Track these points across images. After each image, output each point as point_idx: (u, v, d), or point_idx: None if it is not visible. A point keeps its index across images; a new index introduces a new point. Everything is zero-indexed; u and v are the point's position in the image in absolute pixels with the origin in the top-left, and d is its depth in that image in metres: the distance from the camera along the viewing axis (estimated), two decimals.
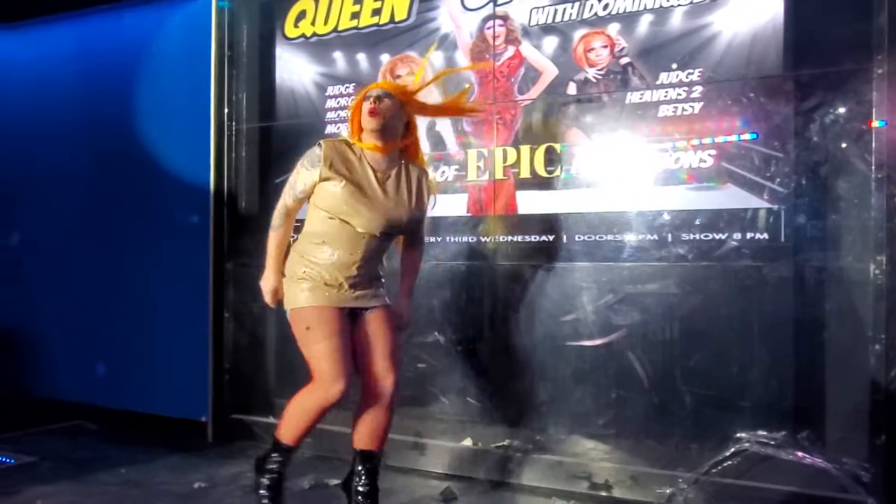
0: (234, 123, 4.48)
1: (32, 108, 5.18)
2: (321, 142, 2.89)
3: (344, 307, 2.89)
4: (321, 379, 2.84)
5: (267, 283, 3.03)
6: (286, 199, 2.98)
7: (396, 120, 2.90)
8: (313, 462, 4.03)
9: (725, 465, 3.32)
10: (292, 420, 2.97)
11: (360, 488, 2.98)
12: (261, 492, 3.03)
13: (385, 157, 2.91)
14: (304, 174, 2.90)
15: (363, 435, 2.98)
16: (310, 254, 2.90)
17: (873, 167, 3.09)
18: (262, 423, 4.36)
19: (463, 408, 3.91)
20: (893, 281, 3.02)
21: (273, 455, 3.03)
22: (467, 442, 3.86)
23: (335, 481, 3.65)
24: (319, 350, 2.84)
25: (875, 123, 3.09)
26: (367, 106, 2.85)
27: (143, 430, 4.60)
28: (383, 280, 3.01)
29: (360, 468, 2.99)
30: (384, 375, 2.92)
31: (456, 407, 3.94)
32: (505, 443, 3.77)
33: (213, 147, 4.43)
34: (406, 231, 3.03)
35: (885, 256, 3.04)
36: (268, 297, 3.05)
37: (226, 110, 4.46)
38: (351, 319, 2.93)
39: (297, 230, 2.99)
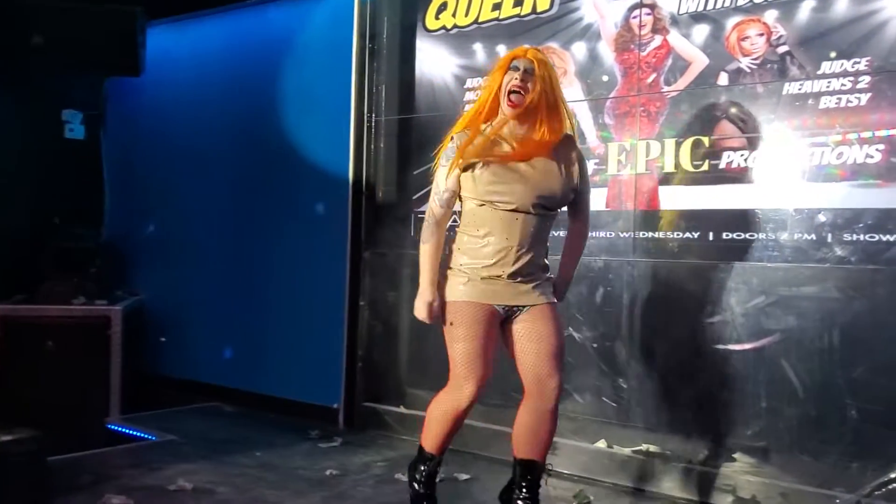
0: (373, 115, 4.42)
1: (186, 100, 5.30)
2: (452, 136, 2.75)
3: (499, 305, 2.69)
4: (454, 378, 2.72)
5: (422, 299, 2.78)
6: (433, 206, 2.79)
7: (536, 98, 2.64)
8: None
9: (891, 487, 2.98)
10: (431, 426, 2.84)
11: (520, 502, 2.77)
12: (413, 498, 2.93)
13: (523, 128, 2.69)
14: (442, 172, 2.75)
15: (523, 443, 2.76)
16: (467, 245, 2.73)
17: None
18: (394, 413, 4.29)
19: (598, 408, 3.69)
20: None
21: (420, 465, 2.91)
22: (601, 444, 3.62)
23: (464, 476, 3.58)
24: (458, 350, 2.70)
25: None
26: (509, 80, 2.63)
27: (276, 414, 4.61)
28: (549, 274, 2.79)
29: (520, 480, 2.78)
30: (547, 379, 2.68)
31: (590, 406, 3.72)
32: (642, 447, 3.52)
33: (352, 138, 4.39)
34: (563, 203, 2.77)
35: None
36: (423, 313, 2.79)
37: (366, 102, 4.41)
38: (509, 317, 2.72)
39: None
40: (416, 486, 2.91)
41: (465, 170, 2.68)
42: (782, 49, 3.26)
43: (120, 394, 4.77)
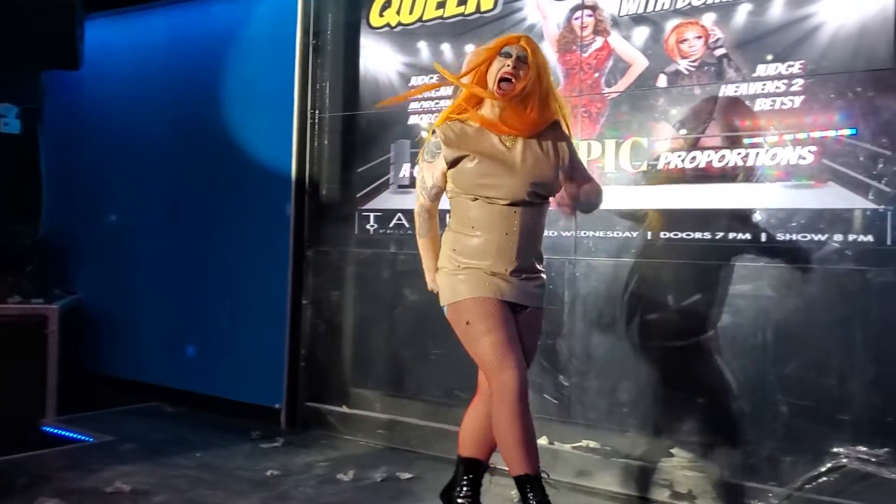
0: (317, 112, 4.37)
1: (128, 95, 5.20)
2: (434, 128, 2.62)
3: (505, 300, 2.55)
4: (492, 375, 2.47)
5: (429, 278, 2.77)
6: (422, 200, 2.69)
7: (525, 87, 2.53)
8: (386, 454, 3.92)
9: (821, 480, 3.04)
10: (508, 446, 2.46)
11: (461, 500, 2.75)
12: None
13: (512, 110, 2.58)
14: (429, 167, 2.63)
15: (472, 442, 2.75)
16: (462, 245, 2.59)
17: None
18: (337, 413, 4.25)
19: (539, 405, 3.65)
20: None
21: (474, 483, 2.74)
22: (543, 440, 3.62)
23: (407, 475, 3.56)
24: (489, 343, 2.47)
25: None
26: (499, 66, 2.51)
27: (218, 414, 4.54)
28: (543, 274, 2.68)
29: (463, 478, 2.76)
30: None
31: (532, 404, 3.57)
32: (582, 443, 3.54)
33: (295, 135, 4.34)
34: (556, 188, 2.63)
35: None
36: (430, 286, 2.78)
37: (309, 99, 4.35)
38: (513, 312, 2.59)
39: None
40: None
41: (452, 165, 2.57)
42: (719, 52, 3.29)
43: (56, 395, 4.64)
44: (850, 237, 3.01)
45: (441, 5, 3.99)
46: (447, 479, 3.22)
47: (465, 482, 2.75)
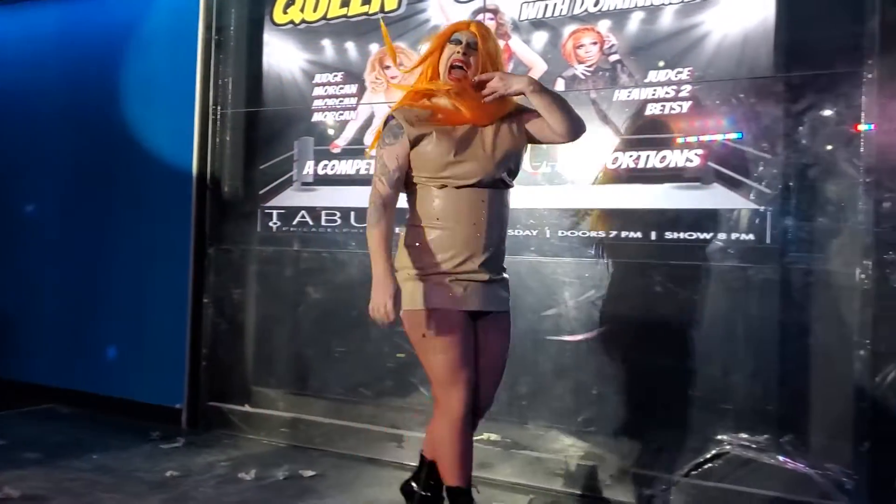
0: (219, 108, 4.31)
1: (20, 89, 5.00)
2: (391, 113, 2.52)
3: (473, 309, 2.46)
4: (439, 390, 2.46)
5: (382, 292, 2.40)
6: (379, 187, 2.47)
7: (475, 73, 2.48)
8: (289, 452, 3.90)
9: (706, 467, 3.20)
10: (443, 458, 2.50)
11: (429, 497, 2.70)
12: None
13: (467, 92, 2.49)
14: (390, 150, 2.46)
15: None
16: (424, 241, 2.47)
17: (862, 171, 2.98)
18: (239, 412, 4.21)
19: None
20: (880, 286, 2.92)
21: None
22: None
23: (310, 473, 3.55)
24: (437, 361, 2.43)
25: (863, 127, 2.98)
26: (450, 53, 2.47)
27: (117, 415, 4.41)
28: (506, 274, 2.59)
29: (427, 478, 2.69)
30: (483, 398, 2.55)
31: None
32: (484, 436, 3.60)
33: (196, 131, 4.27)
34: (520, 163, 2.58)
35: (872, 261, 2.93)
36: (382, 310, 2.39)
37: (211, 94, 4.29)
38: (474, 318, 2.51)
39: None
40: None
41: (415, 144, 2.45)
42: (614, 58, 3.41)
43: None
44: (734, 236, 3.18)
45: (345, 4, 4.00)
46: (351, 476, 3.27)
47: (431, 483, 2.67)
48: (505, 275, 2.58)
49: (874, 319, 2.92)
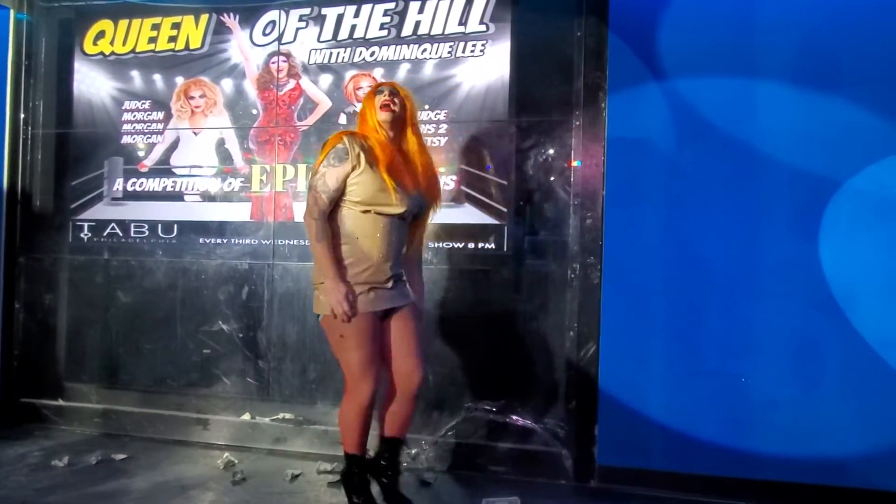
0: (30, 128, 4.26)
1: None
2: (342, 136, 2.71)
3: (381, 309, 2.75)
4: (351, 383, 2.74)
5: (336, 293, 2.63)
6: (321, 203, 2.69)
7: (404, 110, 2.83)
8: (101, 440, 3.93)
9: (457, 428, 3.60)
10: (346, 432, 2.83)
11: (389, 471, 2.95)
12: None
13: (395, 144, 2.82)
14: (332, 172, 2.68)
15: (392, 425, 2.92)
16: (346, 255, 2.71)
17: (571, 195, 3.46)
18: (52, 406, 4.19)
19: (243, 387, 3.97)
20: (584, 282, 3.41)
21: (353, 471, 2.88)
22: (246, 416, 3.93)
23: (121, 456, 3.62)
24: (352, 359, 2.70)
25: (574, 163, 3.47)
26: (380, 99, 2.79)
27: None
28: (405, 277, 2.91)
29: (387, 454, 2.94)
30: (411, 372, 2.83)
31: (237, 387, 3.98)
32: (279, 416, 3.86)
33: (7, 149, 4.18)
34: (421, 213, 2.92)
35: (579, 264, 3.42)
36: (342, 307, 2.63)
37: (21, 115, 4.23)
38: (384, 316, 2.81)
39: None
40: (354, 498, 2.87)
41: (355, 168, 2.68)
42: None
43: None
44: (480, 245, 3.62)
45: (153, 40, 4.10)
46: (161, 457, 3.42)
47: (387, 456, 2.97)
48: (404, 278, 2.90)
49: (579, 307, 3.41)
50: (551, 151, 3.56)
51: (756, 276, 3.24)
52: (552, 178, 3.55)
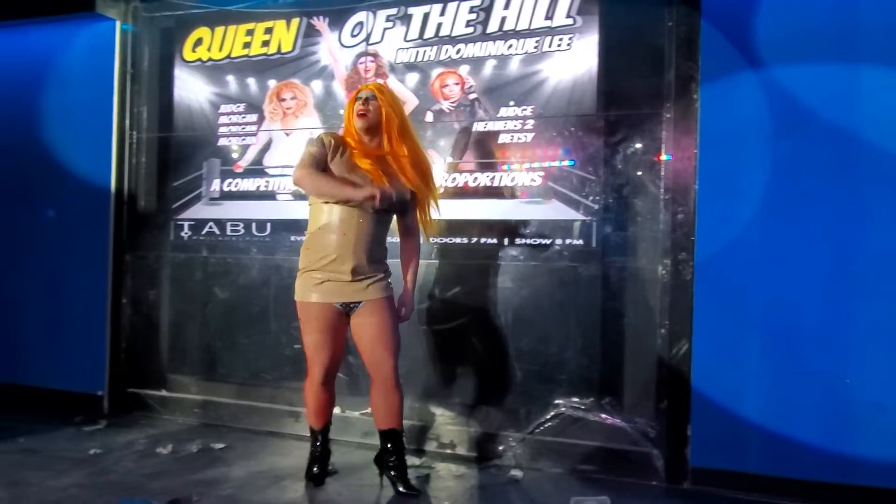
0: (134, 133, 4.40)
1: None
2: (320, 134, 2.97)
3: (338, 302, 2.93)
4: (308, 363, 3.03)
5: (363, 190, 2.80)
6: (305, 160, 2.89)
7: (379, 116, 2.98)
8: (201, 429, 4.01)
9: (546, 426, 3.52)
10: (307, 407, 3.15)
11: (391, 463, 3.04)
12: (313, 469, 3.18)
13: (373, 143, 3.01)
14: (313, 150, 2.91)
15: (380, 417, 3.03)
16: (312, 246, 2.93)
17: (662, 190, 3.35)
18: (156, 396, 4.31)
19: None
20: (675, 279, 3.28)
21: (312, 444, 3.20)
22: (336, 410, 3.90)
23: (220, 445, 3.69)
24: (307, 342, 3.00)
25: (663, 156, 3.35)
26: (356, 106, 2.96)
27: (41, 405, 4.36)
28: (386, 272, 3.01)
29: (387, 446, 3.04)
30: (381, 362, 2.96)
31: None
32: (367, 410, 3.82)
33: (114, 153, 4.33)
34: (398, 209, 3.01)
35: (670, 260, 3.30)
36: (377, 189, 2.79)
37: (127, 121, 4.37)
38: (348, 312, 2.96)
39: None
40: (310, 467, 3.17)
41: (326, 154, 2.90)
42: (473, 96, 3.72)
43: None
44: (567, 241, 3.53)
45: (247, 45, 4.17)
46: (256, 447, 3.49)
47: (389, 447, 3.07)
48: (377, 273, 2.96)
49: (671, 305, 3.29)
50: (641, 145, 3.44)
51: (858, 271, 3.03)
52: (641, 173, 3.44)
